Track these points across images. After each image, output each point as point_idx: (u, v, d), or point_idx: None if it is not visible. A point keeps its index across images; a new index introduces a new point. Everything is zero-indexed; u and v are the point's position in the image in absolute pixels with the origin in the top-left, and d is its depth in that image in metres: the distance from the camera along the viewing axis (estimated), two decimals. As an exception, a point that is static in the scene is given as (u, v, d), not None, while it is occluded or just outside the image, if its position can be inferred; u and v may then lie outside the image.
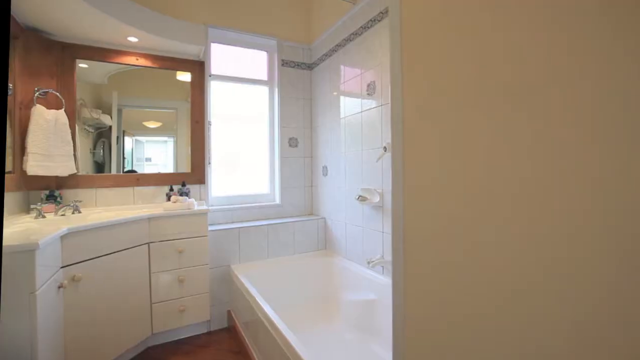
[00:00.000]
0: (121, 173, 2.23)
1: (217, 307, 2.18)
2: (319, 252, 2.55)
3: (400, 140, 0.61)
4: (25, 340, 1.11)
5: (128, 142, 2.35)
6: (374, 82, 2.05)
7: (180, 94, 2.48)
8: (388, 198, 1.89)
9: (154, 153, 2.43)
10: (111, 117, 2.28)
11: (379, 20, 2.00)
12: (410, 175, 0.59)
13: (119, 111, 2.32)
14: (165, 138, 2.48)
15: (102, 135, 2.32)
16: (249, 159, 2.75)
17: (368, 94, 2.10)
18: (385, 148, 1.83)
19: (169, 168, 2.41)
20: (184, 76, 2.46)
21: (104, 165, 2.25)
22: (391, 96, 0.64)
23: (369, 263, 1.92)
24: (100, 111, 2.29)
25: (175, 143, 2.48)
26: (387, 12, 1.93)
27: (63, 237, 1.42)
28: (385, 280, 1.87)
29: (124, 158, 2.30)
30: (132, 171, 2.28)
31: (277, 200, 2.70)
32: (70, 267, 1.47)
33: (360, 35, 2.18)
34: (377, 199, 1.95)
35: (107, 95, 2.27)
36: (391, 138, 0.64)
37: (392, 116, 0.64)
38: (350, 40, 2.29)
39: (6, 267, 1.08)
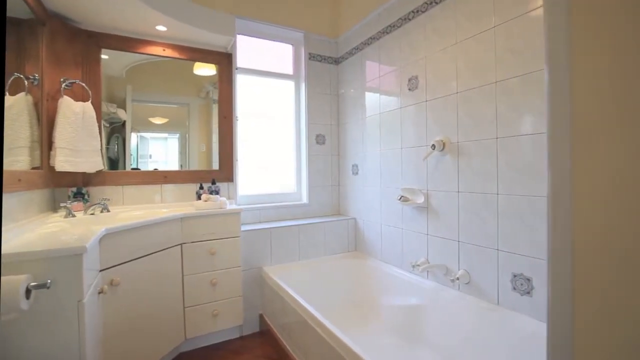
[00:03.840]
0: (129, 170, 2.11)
1: (249, 310, 2.08)
2: (350, 254, 2.46)
3: (566, 137, 0.52)
4: (73, 353, 1.01)
5: (133, 138, 2.24)
6: (416, 76, 1.95)
7: (194, 89, 2.36)
8: (434, 199, 1.80)
9: (155, 150, 2.30)
10: (125, 112, 2.17)
11: (423, 12, 1.90)
12: (584, 178, 0.50)
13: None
14: (166, 135, 2.36)
15: (114, 130, 2.21)
16: (274, 157, 2.65)
17: (409, 89, 2.00)
18: (433, 146, 1.73)
19: (169, 166, 2.27)
20: (202, 70, 2.34)
21: (117, 162, 2.13)
22: (548, 81, 0.55)
23: (413, 267, 1.83)
24: (115, 105, 2.18)
25: (187, 140, 2.36)
26: (432, 2, 1.83)
27: (101, 239, 1.32)
28: (431, 285, 1.78)
29: (130, 155, 2.19)
30: (136, 169, 2.17)
31: (305, 200, 2.61)
32: (108, 270, 1.37)
33: (399, 27, 2.08)
34: (421, 199, 1.86)
35: (119, 89, 2.14)
36: (548, 134, 0.55)
37: (551, 106, 0.55)
38: (387, 33, 2.19)
39: (52, 274, 0.98)
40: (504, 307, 1.45)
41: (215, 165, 2.30)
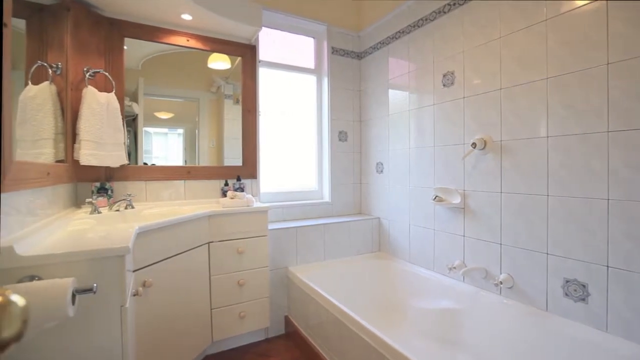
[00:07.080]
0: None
1: (274, 312, 2.01)
2: (374, 254, 2.39)
3: None
4: (117, 362, 0.94)
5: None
6: (452, 72, 1.88)
7: (205, 83, 2.26)
8: (473, 199, 1.73)
9: (154, 145, 2.19)
10: (138, 105, 2.07)
11: (460, 4, 1.82)
12: None
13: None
14: (166, 130, 2.26)
15: (126, 124, 2.11)
16: (295, 153, 2.57)
17: (444, 85, 1.93)
18: (474, 144, 1.66)
19: (169, 161, 2.16)
20: (216, 63, 2.23)
21: (130, 156, 2.03)
22: None
23: (449, 269, 1.77)
24: (128, 98, 2.09)
25: (197, 135, 2.26)
26: (472, -5, 1.75)
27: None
28: (467, 288, 1.72)
29: (142, 150, 2.09)
30: (145, 164, 2.07)
31: (327, 198, 2.53)
32: (140, 271, 1.30)
33: (432, 21, 2.00)
34: (457, 200, 1.80)
35: (131, 82, 2.03)
36: None
37: None
38: (418, 27, 2.11)
39: (94, 276, 0.90)
40: (554, 313, 1.38)
41: (227, 162, 2.20)
